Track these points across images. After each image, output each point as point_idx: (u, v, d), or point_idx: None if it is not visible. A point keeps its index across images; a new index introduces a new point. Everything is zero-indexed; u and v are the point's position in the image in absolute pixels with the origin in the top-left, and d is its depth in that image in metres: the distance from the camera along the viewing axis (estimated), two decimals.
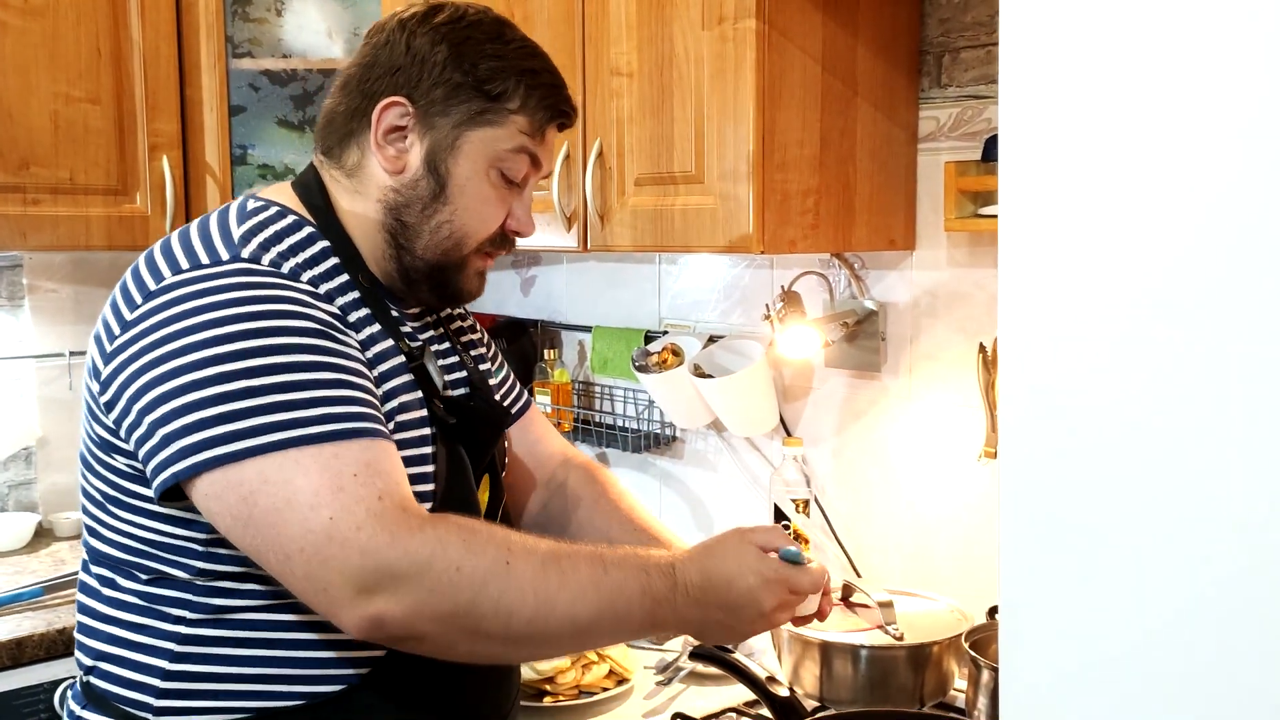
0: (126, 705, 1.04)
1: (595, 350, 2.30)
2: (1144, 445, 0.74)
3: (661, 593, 1.00)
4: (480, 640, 0.95)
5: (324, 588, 0.91)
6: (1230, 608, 0.71)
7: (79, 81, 2.02)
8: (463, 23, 1.13)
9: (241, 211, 1.08)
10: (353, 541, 0.90)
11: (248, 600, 1.02)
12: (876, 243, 1.70)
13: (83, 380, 1.08)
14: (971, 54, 1.67)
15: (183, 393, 0.93)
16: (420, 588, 0.91)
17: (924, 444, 1.78)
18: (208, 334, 0.95)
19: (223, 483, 0.92)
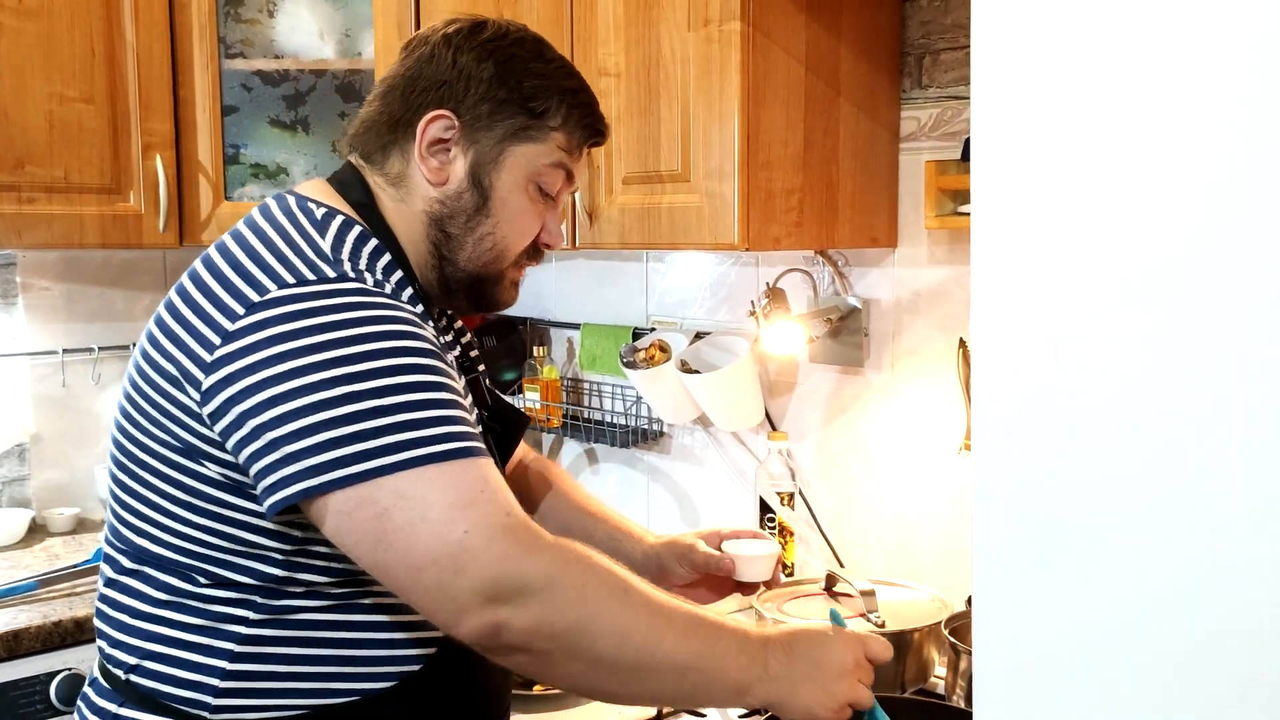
0: (181, 704, 1.04)
1: (584, 347, 2.33)
2: (1112, 437, 0.77)
3: (755, 648, 1.03)
4: (587, 663, 0.98)
5: (453, 597, 0.94)
6: (1197, 593, 0.74)
7: (73, 81, 2.05)
8: (507, 40, 1.16)
9: (312, 218, 1.07)
10: (487, 553, 0.94)
11: (309, 601, 1.04)
12: (859, 240, 1.74)
13: (134, 383, 1.06)
14: (951, 55, 1.71)
15: (312, 411, 0.94)
16: (545, 601, 0.95)
17: (906, 438, 1.81)
18: (332, 353, 0.95)
19: (355, 500, 0.94)
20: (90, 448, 2.47)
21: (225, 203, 2.19)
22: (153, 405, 1.04)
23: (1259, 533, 0.71)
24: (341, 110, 2.20)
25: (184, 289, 1.05)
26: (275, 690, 1.04)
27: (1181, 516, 0.75)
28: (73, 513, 2.37)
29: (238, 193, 2.20)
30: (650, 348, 2.07)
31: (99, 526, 2.38)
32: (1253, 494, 0.71)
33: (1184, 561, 0.75)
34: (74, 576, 1.99)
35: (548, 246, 1.22)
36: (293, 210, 1.09)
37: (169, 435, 1.03)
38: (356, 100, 2.19)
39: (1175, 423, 0.74)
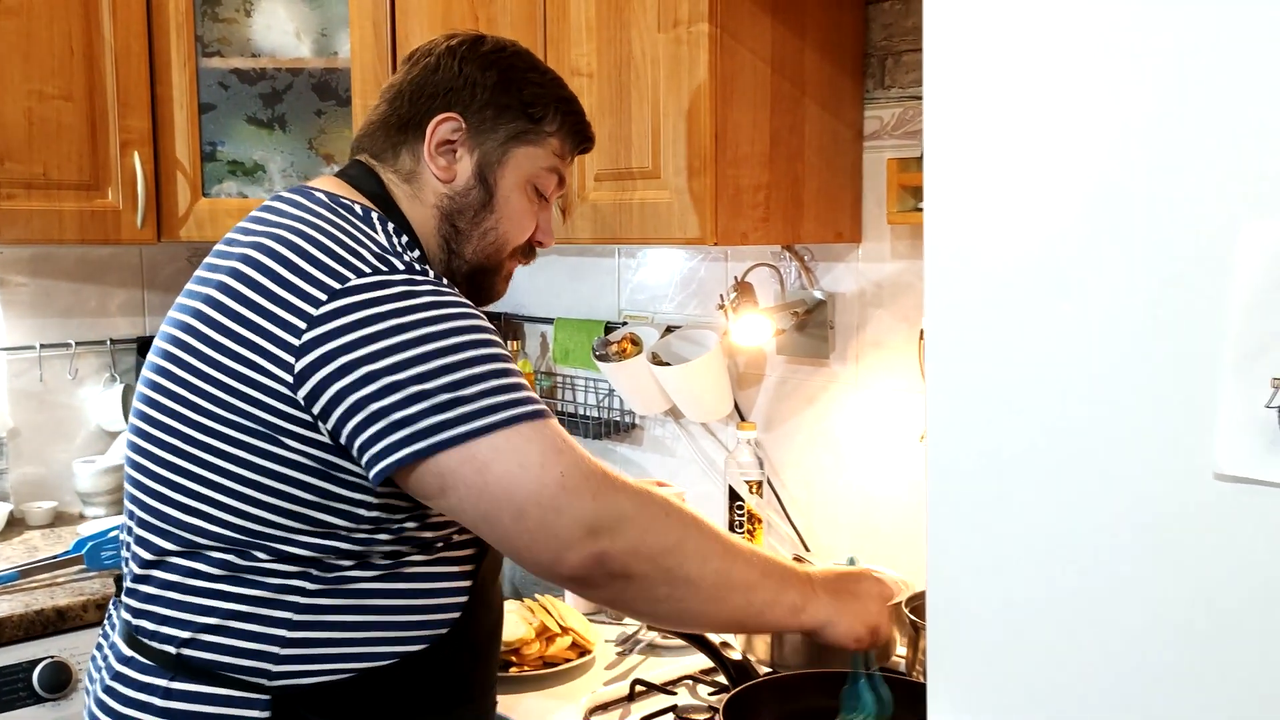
0: (243, 674, 1.09)
1: (557, 341, 2.38)
2: (1054, 422, 0.82)
3: (802, 575, 1.20)
4: (676, 584, 1.09)
5: (557, 534, 1.04)
6: (1138, 571, 0.79)
7: (52, 79, 2.07)
8: (506, 53, 1.28)
9: (355, 214, 1.15)
10: (584, 489, 1.05)
11: (360, 571, 1.12)
12: (824, 235, 1.79)
13: (175, 376, 1.09)
14: (913, 57, 1.76)
15: (414, 382, 1.03)
16: (639, 527, 1.07)
17: (870, 427, 1.87)
18: (423, 331, 1.05)
19: (458, 459, 1.03)
20: (68, 442, 2.50)
21: (203, 199, 2.22)
22: (217, 392, 1.07)
23: (1197, 510, 0.76)
24: (318, 108, 2.23)
25: (247, 277, 1.09)
26: (330, 655, 1.11)
27: (1122, 495, 0.80)
28: (50, 506, 2.39)
29: (215, 189, 2.23)
30: (622, 341, 2.12)
31: (76, 520, 2.41)
32: (1192, 473, 0.76)
33: (1129, 537, 0.80)
34: (55, 567, 2.01)
35: (540, 244, 1.32)
36: (331, 205, 1.16)
37: (242, 418, 1.07)
38: (333, 99, 2.23)
39: (1116, 408, 0.79)
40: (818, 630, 1.19)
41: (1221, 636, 0.76)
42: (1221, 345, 0.74)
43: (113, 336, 2.53)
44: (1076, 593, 0.83)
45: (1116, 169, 0.78)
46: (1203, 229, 0.74)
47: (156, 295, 2.60)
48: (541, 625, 1.68)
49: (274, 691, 1.09)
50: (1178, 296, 0.76)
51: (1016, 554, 0.86)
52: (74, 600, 1.91)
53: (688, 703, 1.55)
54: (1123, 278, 0.78)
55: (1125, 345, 0.79)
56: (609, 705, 1.55)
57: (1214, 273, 0.74)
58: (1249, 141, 0.72)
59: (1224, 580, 0.76)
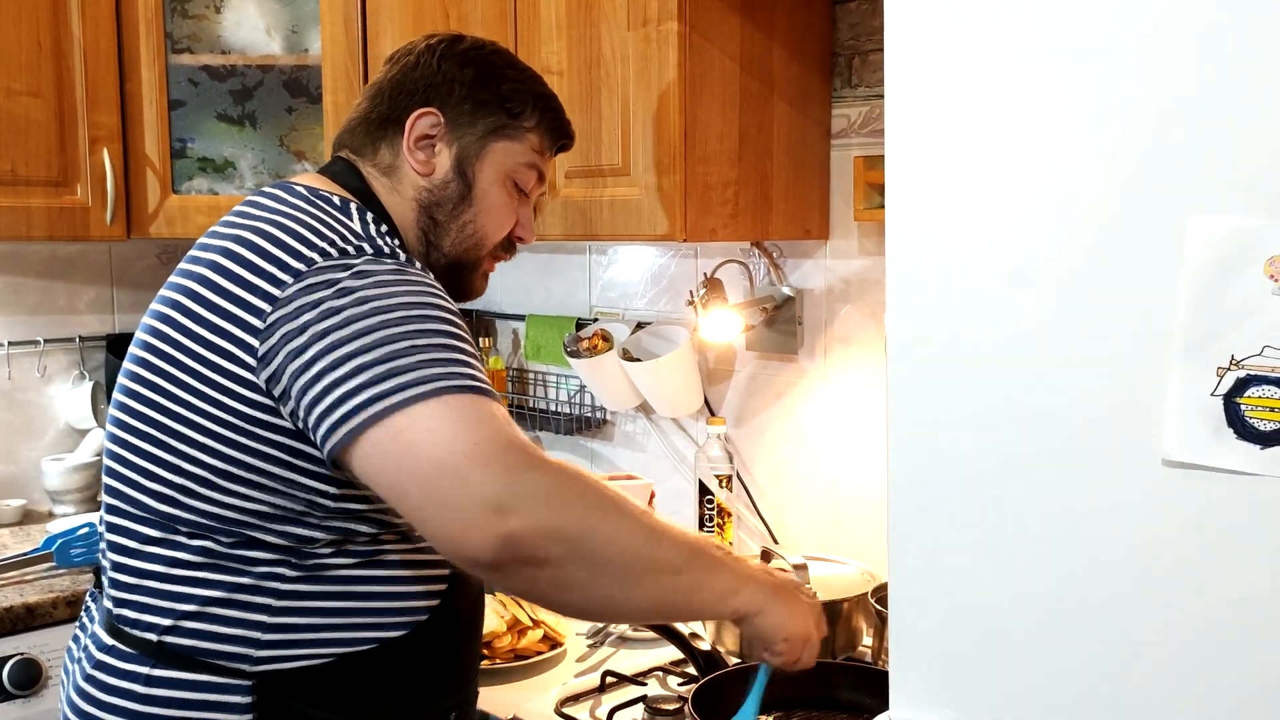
0: (225, 659, 1.10)
1: (529, 338, 2.39)
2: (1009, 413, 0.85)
3: (736, 560, 1.16)
4: (594, 568, 1.03)
5: (461, 506, 0.98)
6: (1090, 558, 0.81)
7: (20, 75, 2.06)
8: (484, 50, 1.30)
9: (331, 204, 1.16)
10: (495, 462, 0.99)
11: (339, 558, 1.12)
12: (792, 232, 1.81)
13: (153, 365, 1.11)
14: (879, 56, 1.79)
15: (357, 355, 1.02)
16: (552, 506, 1.01)
17: (837, 421, 1.90)
18: (374, 304, 1.04)
19: (381, 431, 1.00)
20: (36, 440, 2.48)
21: (173, 196, 2.21)
22: (191, 380, 1.09)
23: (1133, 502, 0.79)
24: (289, 105, 2.23)
25: (222, 267, 1.10)
26: (310, 640, 1.12)
27: (1075, 483, 0.82)
28: (19, 504, 2.37)
29: (185, 186, 2.23)
30: (593, 337, 2.13)
31: (46, 518, 2.40)
32: (1142, 461, 0.78)
33: (1069, 529, 0.82)
34: (24, 565, 2.00)
35: (520, 240, 1.33)
36: (309, 197, 1.17)
37: (213, 406, 1.08)
38: (304, 96, 2.23)
39: (1068, 397, 0.81)
40: (748, 617, 1.14)
41: (1173, 621, 0.78)
42: (1170, 335, 0.76)
43: (82, 334, 2.52)
44: (1031, 582, 0.85)
45: (1068, 165, 0.80)
46: (1151, 223, 0.77)
47: (126, 293, 2.59)
48: (513, 618, 1.70)
49: (255, 677, 1.10)
50: (1128, 287, 0.78)
51: (974, 545, 0.88)
52: (44, 597, 1.90)
53: (658, 693, 1.57)
54: (1074, 268, 0.81)
55: (1077, 336, 0.81)
56: (580, 696, 1.57)
57: (1162, 264, 0.76)
58: (1197, 137, 0.74)
59: (1174, 564, 0.78)
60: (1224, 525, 0.76)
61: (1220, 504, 0.76)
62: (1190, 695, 0.78)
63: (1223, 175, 0.74)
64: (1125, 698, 0.81)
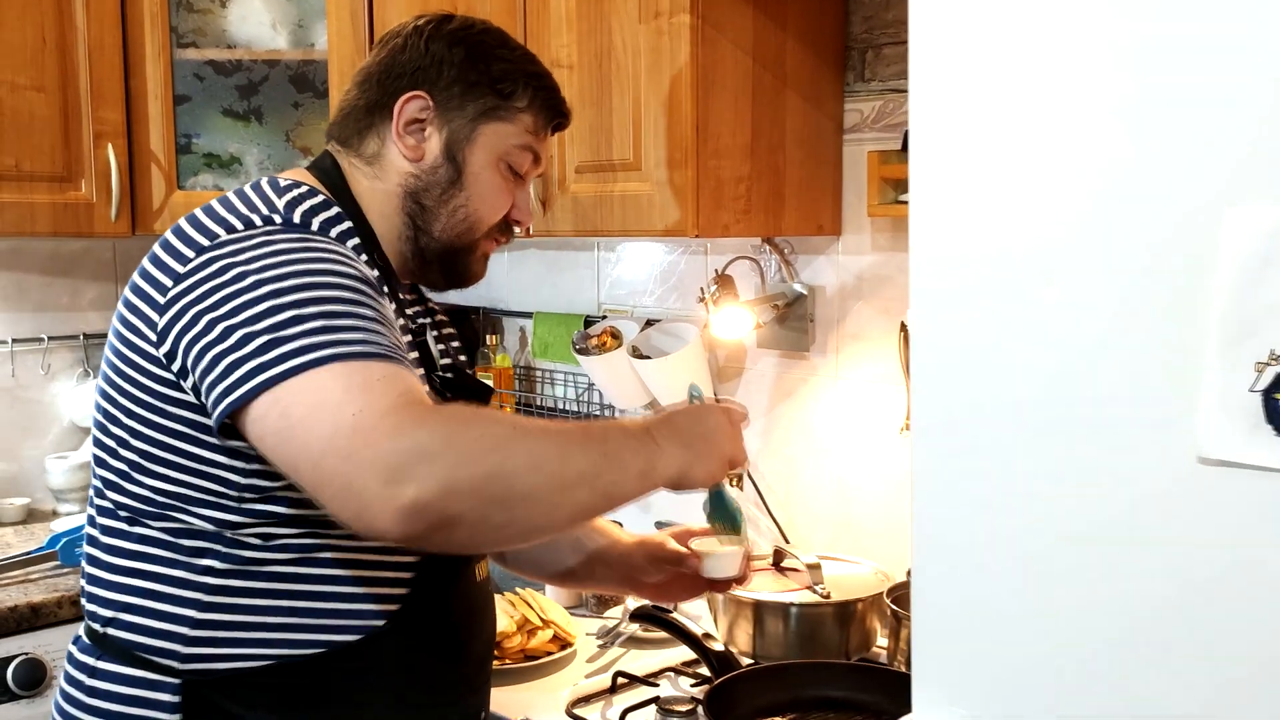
0: (153, 654, 1.09)
1: (536, 335, 2.37)
2: (1038, 410, 0.83)
3: (643, 434, 1.08)
4: (512, 507, 0.97)
5: (353, 483, 0.92)
6: (1122, 557, 0.79)
7: (24, 70, 2.05)
8: (474, 30, 1.26)
9: (275, 186, 1.14)
10: (379, 428, 0.92)
11: (273, 554, 1.08)
12: (805, 228, 1.79)
13: (110, 351, 1.11)
14: (893, 50, 1.77)
15: (241, 326, 0.99)
16: (449, 460, 0.93)
17: (849, 419, 1.88)
18: (264, 275, 1.01)
19: (267, 402, 0.96)
20: (39, 438, 2.47)
21: (178, 192, 2.20)
22: (119, 363, 1.09)
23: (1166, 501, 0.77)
24: (295, 100, 2.21)
25: (153, 252, 1.11)
26: (243, 640, 1.08)
27: (1106, 481, 0.80)
28: (23, 503, 2.36)
29: (190, 182, 2.21)
30: (602, 334, 2.11)
31: (49, 516, 2.38)
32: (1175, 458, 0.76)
33: (1099, 528, 0.80)
34: (28, 564, 1.99)
35: (517, 223, 1.29)
36: (260, 184, 1.16)
37: (132, 386, 1.08)
38: (310, 91, 2.21)
39: (1099, 394, 0.79)
40: (673, 484, 1.10)
41: (1206, 621, 0.76)
42: (1205, 330, 0.74)
43: (85, 331, 2.51)
44: (1061, 581, 0.83)
45: (1100, 156, 0.78)
46: (1186, 215, 0.75)
47: None
48: (523, 618, 1.68)
49: (184, 675, 1.08)
50: (1161, 282, 0.76)
51: (1001, 543, 0.86)
52: (48, 596, 1.89)
53: (670, 694, 1.55)
54: (1106, 264, 0.79)
55: (1109, 331, 0.79)
56: (591, 697, 1.55)
57: (1197, 258, 0.74)
58: (1232, 127, 0.72)
59: (1208, 564, 0.76)
60: (1262, 524, 0.74)
61: (1258, 502, 0.74)
62: (1227, 700, 0.76)
63: (1260, 166, 0.72)
64: (1158, 701, 0.79)
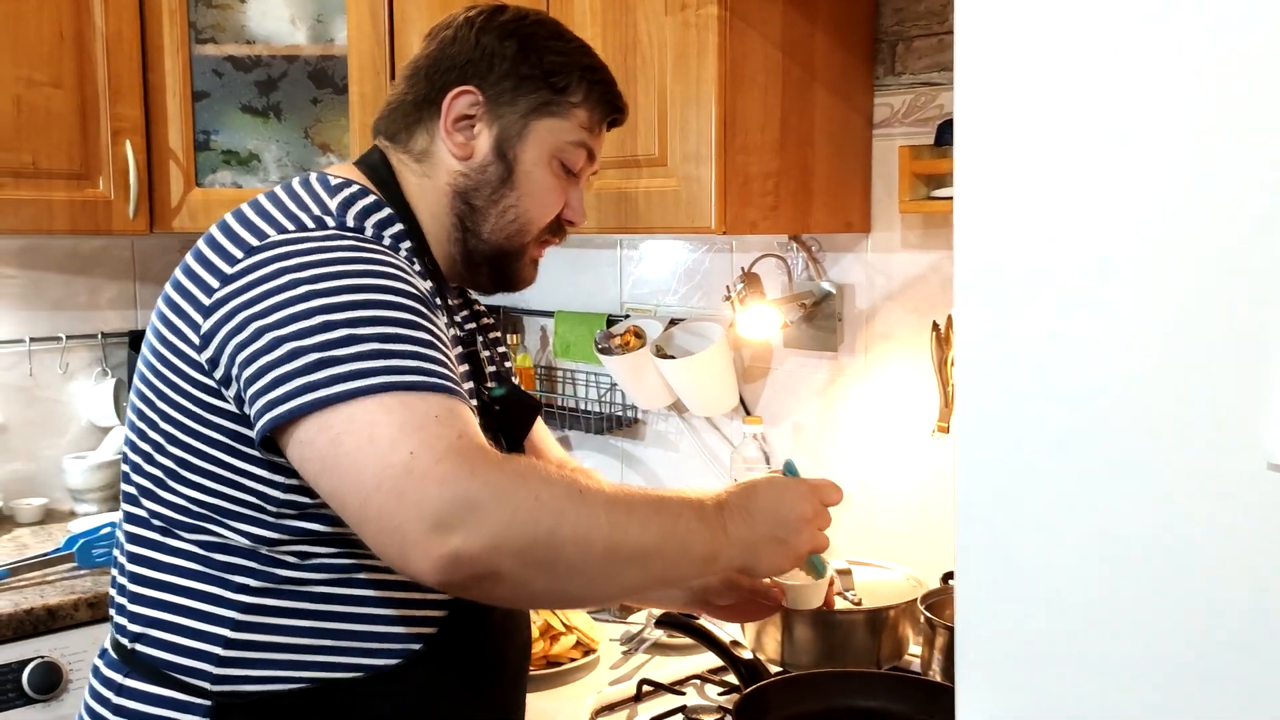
0: (183, 674, 1.05)
1: (558, 335, 2.34)
2: (1092, 415, 0.79)
3: (713, 515, 1.02)
4: (558, 575, 0.94)
5: (399, 526, 0.89)
6: (1182, 567, 0.76)
7: (42, 65, 2.03)
8: (527, 21, 1.20)
9: (325, 184, 1.10)
10: (432, 473, 0.89)
11: (309, 573, 1.04)
12: (834, 225, 1.75)
13: (149, 353, 1.07)
14: (925, 42, 1.73)
15: (290, 340, 0.95)
16: (500, 518, 0.89)
17: (879, 421, 1.84)
18: (318, 285, 0.97)
19: (316, 427, 0.93)
20: (57, 438, 2.45)
21: (196, 189, 2.17)
22: (162, 368, 1.05)
23: (1231, 508, 0.73)
24: (314, 96, 2.19)
25: (196, 249, 1.07)
26: (277, 662, 1.04)
27: (1166, 487, 0.76)
28: (40, 503, 2.34)
29: (209, 179, 2.19)
30: (625, 334, 2.08)
31: (67, 517, 2.36)
32: (1242, 464, 0.73)
33: (1170, 535, 0.77)
34: (45, 565, 1.97)
35: (570, 224, 1.24)
36: (309, 180, 1.11)
37: (174, 392, 1.03)
38: (329, 86, 2.18)
39: (1159, 397, 0.76)
40: (743, 570, 1.05)
41: (1272, 637, 0.73)
42: (1275, 330, 0.70)
43: (104, 330, 2.49)
44: (1116, 592, 0.80)
45: (1162, 147, 0.74)
46: (1258, 210, 0.71)
47: (148, 288, 2.56)
48: (545, 623, 1.64)
49: (215, 697, 1.04)
50: (1229, 279, 0.72)
51: (1052, 551, 0.83)
52: (65, 599, 1.86)
53: (696, 703, 1.51)
54: (1168, 260, 0.75)
55: (1170, 331, 0.75)
56: (616, 706, 1.51)
57: (1268, 256, 0.70)
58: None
59: (1276, 575, 0.72)
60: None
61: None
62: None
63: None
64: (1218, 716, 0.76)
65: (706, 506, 1.02)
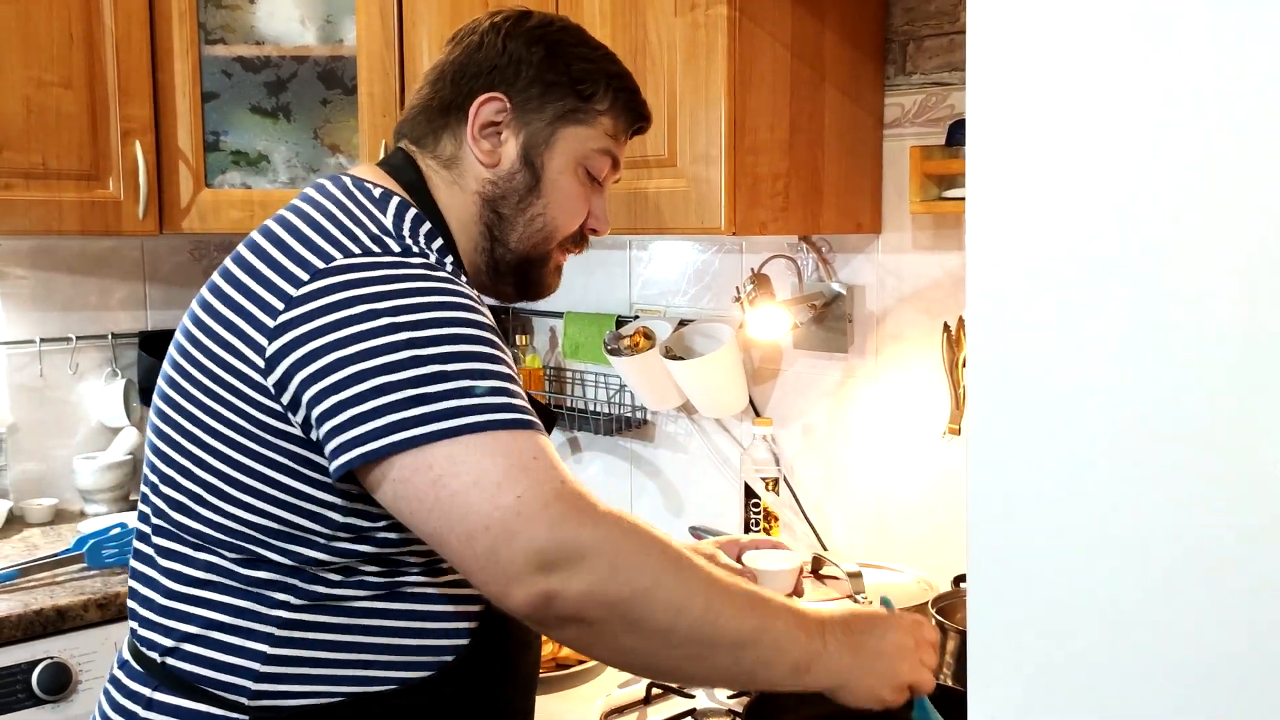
0: (220, 689, 1.03)
1: (567, 335, 2.33)
2: (1105, 417, 0.78)
3: (814, 626, 1.02)
4: (643, 635, 0.95)
5: (504, 566, 0.91)
6: (1193, 574, 0.75)
7: (51, 66, 2.03)
8: (553, 27, 1.19)
9: (368, 194, 1.09)
10: (541, 518, 0.91)
11: (350, 590, 1.03)
12: (844, 226, 1.75)
13: (182, 364, 1.04)
14: (935, 42, 1.72)
15: (377, 374, 0.94)
16: (601, 568, 0.92)
17: (889, 422, 1.83)
18: (399, 319, 0.96)
19: (412, 466, 0.93)
20: (68, 438, 2.45)
21: (206, 190, 2.17)
22: (207, 381, 1.02)
23: (1247, 511, 0.73)
24: (323, 97, 2.19)
25: (243, 259, 1.04)
26: (315, 676, 1.03)
27: (1180, 494, 0.76)
28: (50, 503, 2.34)
29: (218, 180, 2.19)
30: (634, 335, 2.07)
31: (77, 517, 2.37)
32: (1243, 472, 0.72)
33: (1185, 538, 0.76)
34: (54, 566, 1.97)
35: (594, 232, 1.24)
36: (349, 189, 1.10)
37: (224, 409, 1.01)
38: (338, 87, 2.18)
39: (1186, 403, 0.75)
40: (830, 692, 1.02)
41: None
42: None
43: (114, 331, 2.49)
44: (1131, 596, 0.79)
45: (1176, 149, 0.73)
46: (1271, 212, 0.70)
47: (158, 289, 2.56)
48: None
49: (253, 712, 1.03)
50: (1242, 281, 0.71)
51: (1065, 554, 0.82)
52: (74, 600, 1.86)
53: (706, 706, 1.50)
54: (1182, 262, 0.74)
55: (1184, 332, 0.74)
56: (625, 709, 1.51)
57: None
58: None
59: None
60: None
61: None
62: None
63: None
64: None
65: (808, 617, 1.02)
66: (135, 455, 2.41)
